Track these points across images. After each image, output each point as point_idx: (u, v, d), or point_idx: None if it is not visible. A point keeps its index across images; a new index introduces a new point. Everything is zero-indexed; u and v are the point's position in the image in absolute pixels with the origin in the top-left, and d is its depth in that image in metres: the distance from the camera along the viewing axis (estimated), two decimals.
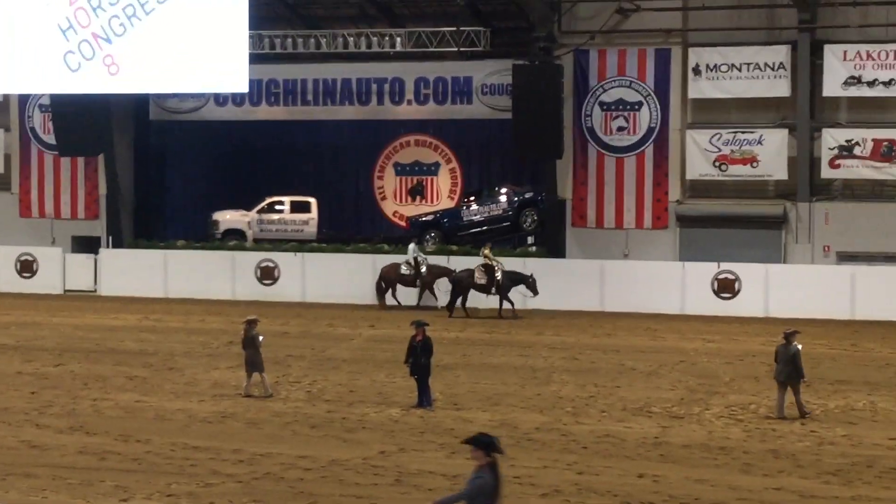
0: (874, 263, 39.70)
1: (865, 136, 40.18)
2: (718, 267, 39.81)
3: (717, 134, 41.45)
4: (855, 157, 40.21)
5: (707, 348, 32.19)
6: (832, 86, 40.28)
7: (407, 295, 41.13)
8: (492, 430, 21.03)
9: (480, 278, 38.89)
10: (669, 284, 39.94)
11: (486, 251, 39.38)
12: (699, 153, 41.61)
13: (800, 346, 22.90)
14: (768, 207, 41.38)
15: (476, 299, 39.39)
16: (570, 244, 42.86)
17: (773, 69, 40.72)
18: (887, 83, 39.68)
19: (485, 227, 44.83)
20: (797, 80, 40.51)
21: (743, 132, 41.24)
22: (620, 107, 42.48)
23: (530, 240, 44.55)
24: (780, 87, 40.76)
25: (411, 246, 41.18)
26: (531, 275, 38.93)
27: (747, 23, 41.40)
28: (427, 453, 19.48)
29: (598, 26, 41.87)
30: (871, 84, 39.86)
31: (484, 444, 11.65)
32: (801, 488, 17.44)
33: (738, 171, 41.35)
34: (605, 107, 42.61)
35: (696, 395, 25.03)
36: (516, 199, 44.76)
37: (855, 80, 39.99)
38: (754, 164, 41.13)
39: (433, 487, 17.31)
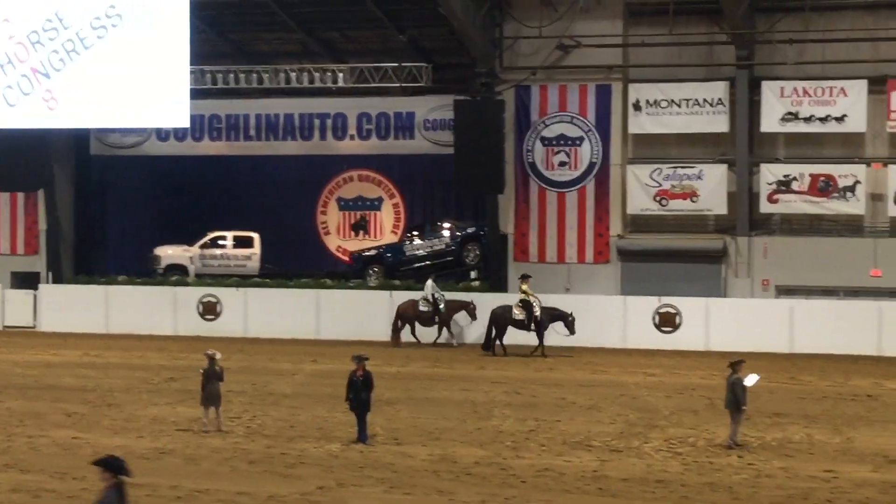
0: (812, 297, 40.11)
1: (803, 172, 40.68)
2: (659, 301, 40.07)
3: (657, 169, 41.82)
4: (793, 191, 40.69)
5: (648, 382, 32.34)
6: (770, 121, 40.81)
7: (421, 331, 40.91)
8: (431, 465, 21.16)
9: (519, 314, 38.31)
10: (611, 319, 40.14)
11: (525, 287, 38.59)
12: (640, 188, 41.95)
13: (753, 377, 23.12)
14: (708, 242, 41.74)
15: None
16: (512, 279, 42.95)
17: (711, 105, 41.21)
18: (824, 119, 40.23)
19: (428, 262, 44.88)
20: (736, 116, 41.01)
21: (683, 167, 41.65)
22: (562, 142, 42.76)
23: (473, 275, 44.63)
24: (718, 123, 41.25)
25: (429, 283, 40.54)
26: (571, 313, 38.28)
27: (687, 59, 41.87)
28: (366, 488, 19.43)
29: (539, 62, 42.18)
30: (807, 120, 40.40)
31: (111, 465, 12.17)
32: None
33: (679, 206, 41.72)
34: (546, 142, 42.87)
35: (636, 429, 25.13)
36: (459, 233, 44.90)
37: (792, 116, 40.52)
38: (694, 199, 41.52)
39: None
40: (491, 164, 41.51)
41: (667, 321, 39.95)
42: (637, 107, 41.86)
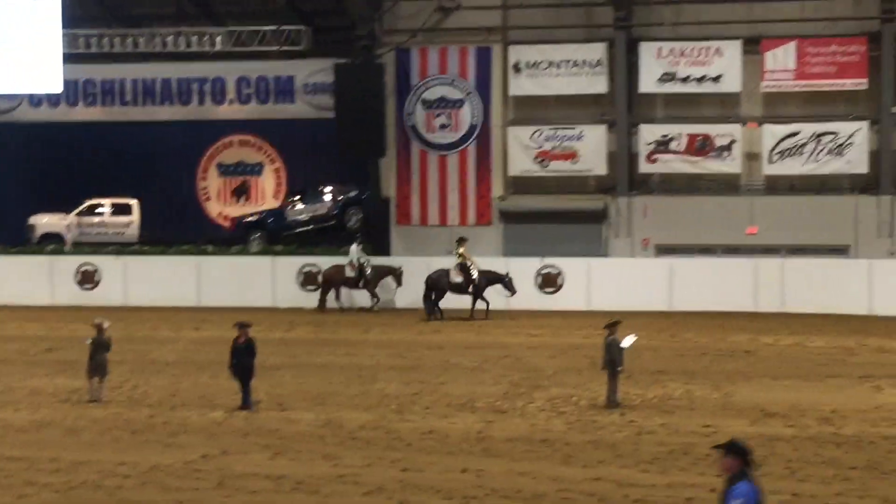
0: (691, 255, 40.69)
1: (681, 132, 41.18)
2: (541, 262, 40.29)
3: (538, 130, 42.01)
4: (671, 151, 41.20)
5: (530, 342, 32.59)
6: (648, 82, 41.22)
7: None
8: (317, 430, 21.09)
9: (457, 278, 37.92)
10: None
11: (462, 250, 38.20)
12: (521, 150, 42.13)
13: (630, 338, 23.38)
14: (589, 202, 42.09)
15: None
16: (395, 242, 43.00)
17: (591, 66, 41.46)
18: (700, 79, 40.72)
19: (310, 227, 44.65)
20: (615, 77, 41.34)
21: (563, 128, 41.88)
22: (443, 105, 42.75)
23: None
24: (598, 84, 41.53)
25: (353, 247, 40.08)
26: (507, 273, 38.27)
27: (566, 21, 42.04)
28: (251, 455, 19.32)
29: (419, 25, 42.06)
30: (684, 80, 40.87)
31: None
32: (620, 477, 17.79)
33: (559, 167, 42.00)
34: (427, 105, 42.81)
35: (520, 389, 25.32)
36: (341, 198, 44.70)
37: (670, 77, 40.97)
38: (574, 160, 41.82)
39: (256, 489, 17.21)
40: (372, 128, 41.40)
41: (549, 282, 40.19)
42: (517, 69, 41.97)
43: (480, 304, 38.02)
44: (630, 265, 40.48)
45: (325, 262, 40.85)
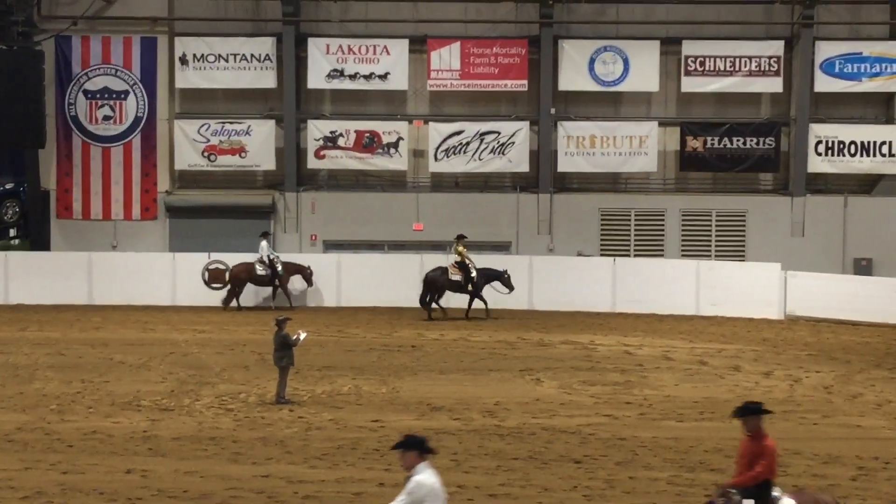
0: (358, 251, 41.05)
1: (349, 128, 41.53)
2: (209, 257, 39.73)
3: (205, 124, 41.48)
4: (339, 147, 41.46)
5: (198, 339, 32.04)
6: (316, 78, 41.36)
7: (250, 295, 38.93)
8: None
9: (455, 275, 36.64)
10: (159, 276, 39.38)
11: (460, 248, 36.88)
12: (188, 143, 41.48)
13: (300, 333, 23.32)
14: (257, 197, 41.89)
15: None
16: (55, 236, 41.54)
17: (259, 60, 41.23)
18: (368, 77, 41.17)
19: None
20: (283, 72, 41.25)
21: (231, 123, 41.53)
22: (106, 95, 41.59)
23: (13, 233, 42.73)
24: (266, 79, 41.36)
25: (263, 244, 38.28)
26: (506, 270, 37.10)
27: (234, 14, 41.68)
28: None
29: (80, 12, 40.76)
30: (352, 77, 41.23)
31: None
32: (289, 474, 17.71)
33: (227, 162, 41.60)
34: (89, 95, 41.54)
35: (187, 387, 24.86)
36: None
37: (338, 74, 41.23)
38: (243, 155, 41.51)
39: None
40: (30, 118, 39.77)
41: (216, 278, 39.60)
42: (184, 60, 41.28)
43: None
44: (298, 261, 40.37)
45: None
